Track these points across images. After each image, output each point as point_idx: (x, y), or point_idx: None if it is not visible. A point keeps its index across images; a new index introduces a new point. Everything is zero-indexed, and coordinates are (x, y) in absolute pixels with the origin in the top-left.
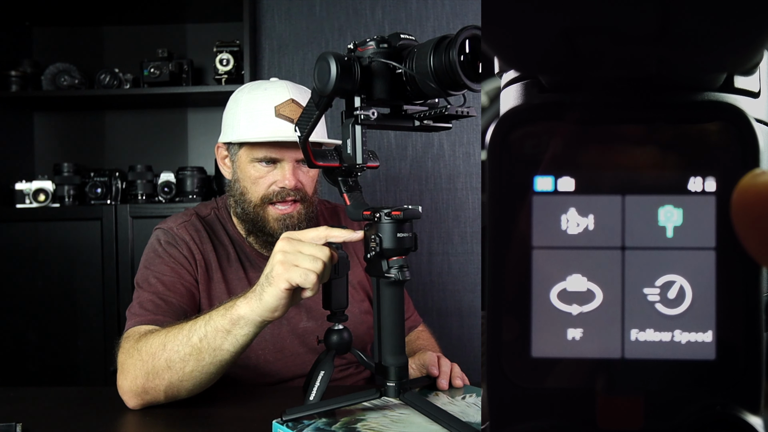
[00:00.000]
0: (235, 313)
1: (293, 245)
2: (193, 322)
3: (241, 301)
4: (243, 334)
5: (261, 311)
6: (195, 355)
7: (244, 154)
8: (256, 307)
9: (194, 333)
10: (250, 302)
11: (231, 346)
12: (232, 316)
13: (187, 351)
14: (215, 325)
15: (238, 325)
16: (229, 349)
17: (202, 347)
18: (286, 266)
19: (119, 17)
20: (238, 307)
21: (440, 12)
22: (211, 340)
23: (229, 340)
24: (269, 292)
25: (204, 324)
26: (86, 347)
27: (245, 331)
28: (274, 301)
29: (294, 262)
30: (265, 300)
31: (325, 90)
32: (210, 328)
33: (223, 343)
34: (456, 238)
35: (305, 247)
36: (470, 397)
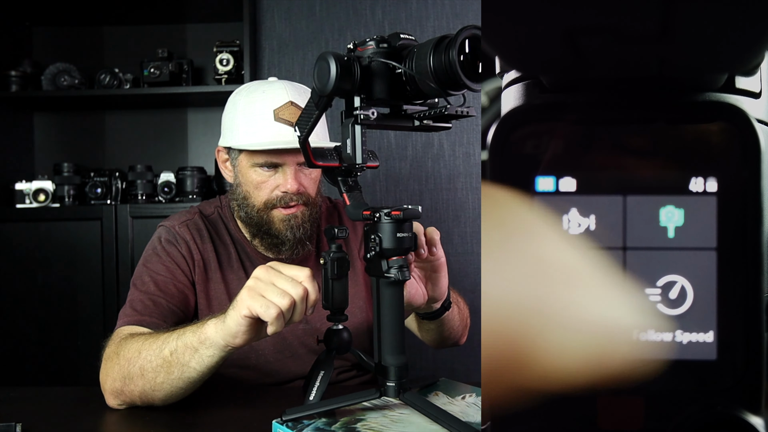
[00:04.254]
0: (203, 332)
1: (269, 275)
2: (169, 334)
3: (211, 321)
4: (208, 355)
5: (223, 334)
6: (165, 367)
7: (244, 159)
8: (220, 329)
9: (167, 345)
10: (216, 323)
11: (197, 365)
12: (200, 335)
13: (159, 362)
14: (186, 341)
15: (204, 345)
16: (196, 368)
17: (172, 361)
18: (252, 294)
19: (119, 17)
20: (206, 327)
21: (440, 12)
22: (180, 355)
23: (196, 359)
24: (231, 317)
25: (176, 338)
26: (86, 347)
27: (210, 352)
28: (234, 326)
29: (261, 291)
30: (227, 324)
31: (325, 90)
32: (181, 343)
33: (190, 360)
34: (456, 238)
35: (279, 279)
36: (470, 397)
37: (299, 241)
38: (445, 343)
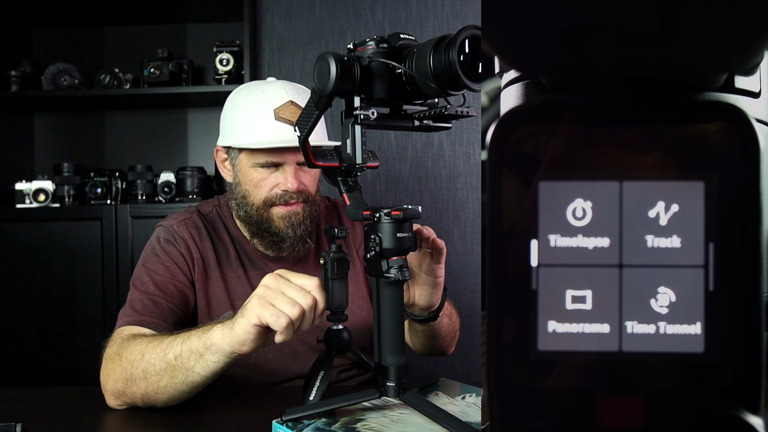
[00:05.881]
0: (210, 338)
1: (278, 283)
2: (173, 338)
3: (217, 327)
4: (214, 361)
5: (230, 342)
6: (169, 371)
7: (244, 159)
8: (227, 336)
9: (171, 349)
10: (223, 330)
11: (202, 370)
12: (206, 341)
13: (162, 366)
14: (190, 346)
15: (210, 351)
16: (201, 373)
17: (176, 365)
18: (262, 302)
19: (119, 17)
20: (213, 333)
21: (440, 12)
22: (185, 360)
23: (201, 364)
24: (239, 324)
25: (181, 342)
26: (86, 347)
27: (216, 358)
28: (242, 334)
29: (271, 300)
30: (235, 331)
31: (325, 90)
32: (185, 347)
33: (195, 365)
34: (456, 238)
35: (289, 288)
36: (470, 397)
37: (300, 238)
38: (431, 350)
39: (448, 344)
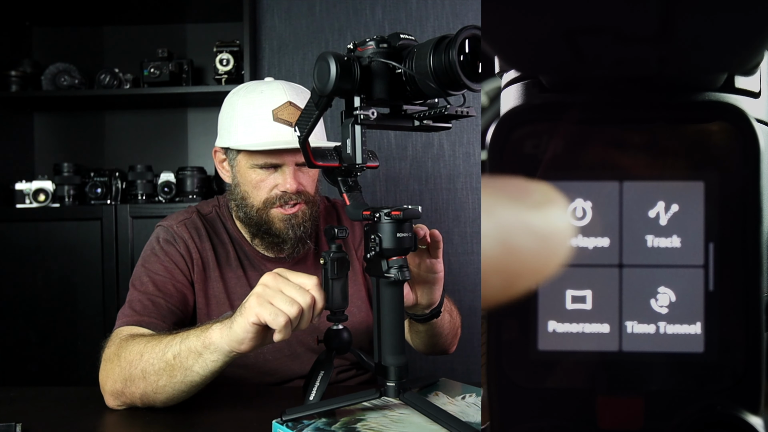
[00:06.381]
0: (208, 337)
1: (277, 282)
2: (172, 337)
3: (216, 326)
4: (212, 360)
5: (229, 340)
6: (168, 371)
7: (243, 160)
8: (225, 335)
9: (170, 349)
10: (222, 329)
11: (201, 369)
12: (205, 340)
13: (161, 366)
14: (189, 345)
15: (209, 350)
16: (199, 372)
17: (175, 365)
18: (260, 301)
19: (119, 17)
20: (211, 332)
21: (440, 12)
22: (184, 359)
23: (199, 363)
24: (238, 323)
25: (180, 341)
26: (86, 347)
27: (214, 357)
28: (241, 332)
29: (270, 299)
30: (234, 330)
31: (325, 90)
32: (184, 347)
33: (193, 365)
34: (456, 238)
35: (288, 287)
36: (470, 397)
37: (300, 239)
38: (434, 349)
39: (450, 342)
